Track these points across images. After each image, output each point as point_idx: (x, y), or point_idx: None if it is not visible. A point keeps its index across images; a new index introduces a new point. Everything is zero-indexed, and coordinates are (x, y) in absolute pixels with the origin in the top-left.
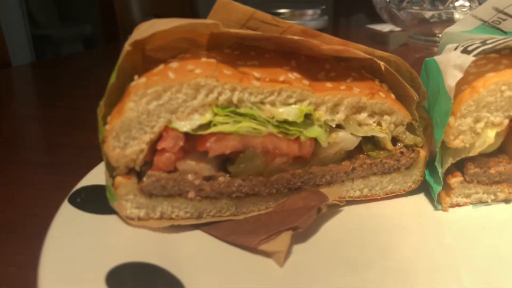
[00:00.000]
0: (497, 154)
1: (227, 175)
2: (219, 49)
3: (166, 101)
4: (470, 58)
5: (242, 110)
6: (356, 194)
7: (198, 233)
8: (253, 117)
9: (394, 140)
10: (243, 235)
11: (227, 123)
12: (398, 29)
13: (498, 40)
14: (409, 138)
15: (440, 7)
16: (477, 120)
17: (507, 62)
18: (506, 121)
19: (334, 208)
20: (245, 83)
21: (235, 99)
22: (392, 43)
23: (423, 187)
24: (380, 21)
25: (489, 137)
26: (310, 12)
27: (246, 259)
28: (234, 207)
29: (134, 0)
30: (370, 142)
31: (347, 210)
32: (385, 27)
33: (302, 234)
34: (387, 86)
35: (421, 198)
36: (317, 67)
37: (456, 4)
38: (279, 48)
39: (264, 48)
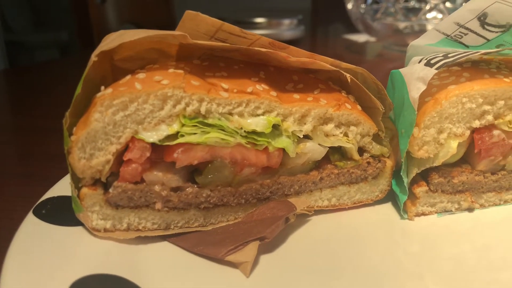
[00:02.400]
0: (460, 164)
1: (195, 185)
2: (188, 60)
3: (132, 112)
4: (432, 71)
5: (210, 121)
6: (325, 204)
7: (165, 245)
8: (221, 128)
9: (361, 151)
10: (210, 246)
11: (194, 133)
12: (373, 39)
13: (459, 54)
14: (375, 149)
15: (413, 19)
16: (440, 131)
17: (468, 75)
18: (468, 132)
19: (303, 218)
20: (213, 94)
21: (203, 109)
22: (367, 53)
23: (390, 197)
24: (357, 31)
25: (452, 147)
26: (287, 22)
27: (214, 270)
28: (203, 218)
29: (110, 8)
30: (337, 153)
31: (315, 220)
32: (361, 38)
33: (269, 244)
34: (353, 98)
35: (388, 207)
36: (286, 78)
37: (428, 16)
38: (249, 60)
39: (234, 59)
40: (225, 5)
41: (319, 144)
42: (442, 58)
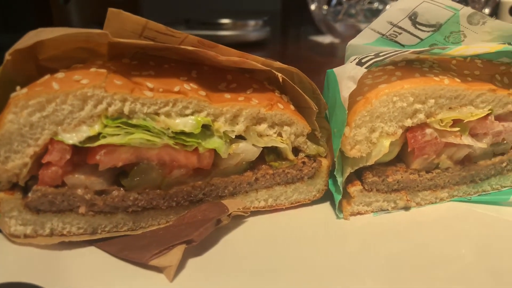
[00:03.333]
0: (395, 163)
1: (122, 188)
2: (118, 59)
3: (50, 113)
4: (362, 70)
5: (134, 121)
6: (261, 205)
7: (91, 250)
8: (146, 129)
9: (297, 151)
10: (136, 251)
11: (117, 134)
12: (337, 40)
13: (390, 53)
14: (311, 148)
15: (374, 20)
16: (372, 130)
17: (400, 74)
18: (400, 131)
19: (239, 219)
20: (136, 94)
21: (126, 110)
22: (331, 54)
23: (329, 196)
24: (323, 33)
25: (384, 146)
26: (252, 23)
27: (138, 275)
28: (132, 221)
29: (73, 8)
30: (272, 153)
31: (252, 221)
32: (326, 39)
33: (200, 247)
34: (287, 98)
35: (326, 207)
36: (219, 78)
37: None
38: (182, 59)
39: (166, 58)
40: (194, 6)
41: (252, 145)
42: (373, 57)
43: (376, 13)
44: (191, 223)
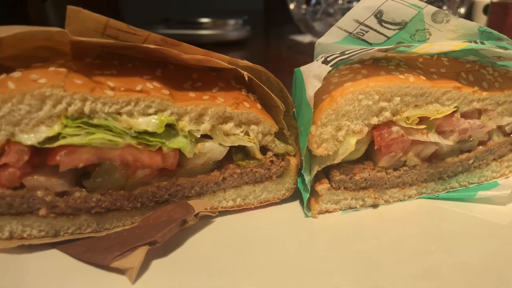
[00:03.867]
0: (362, 161)
1: (84, 190)
2: (81, 58)
3: (6, 113)
4: (327, 68)
5: (95, 121)
6: (229, 204)
7: (54, 253)
8: (108, 128)
9: (265, 150)
10: (98, 253)
11: (78, 135)
12: (316, 39)
13: (356, 51)
14: (279, 147)
15: None
16: (338, 129)
17: (366, 72)
18: (366, 129)
19: (207, 220)
20: (97, 93)
21: (86, 109)
22: (311, 53)
23: (299, 195)
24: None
25: (351, 144)
26: (232, 22)
27: (101, 277)
28: (95, 223)
29: (51, 7)
30: (240, 152)
31: (220, 221)
32: (306, 38)
33: (166, 248)
34: (254, 96)
35: (295, 206)
36: (185, 76)
37: None
38: (148, 57)
39: (132, 57)
40: (176, 5)
41: (219, 144)
42: (338, 55)
43: None
44: (156, 224)
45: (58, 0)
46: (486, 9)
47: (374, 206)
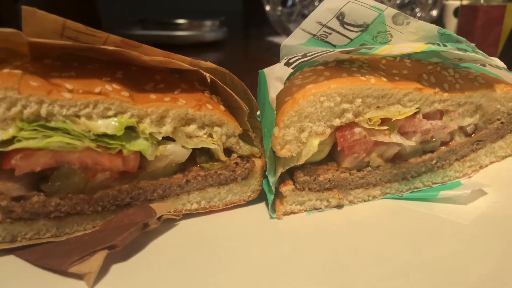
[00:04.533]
0: (326, 162)
1: (42, 194)
2: (40, 59)
3: None
4: (289, 70)
5: (53, 124)
6: (194, 207)
7: (10, 259)
8: (66, 131)
9: (230, 151)
10: (56, 258)
11: (34, 138)
12: None
13: (317, 53)
14: (244, 149)
15: None
16: (301, 130)
17: (328, 74)
18: (329, 130)
19: (171, 223)
20: (54, 95)
21: (43, 112)
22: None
23: (265, 197)
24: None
25: (314, 145)
26: (208, 23)
27: (59, 283)
28: (55, 227)
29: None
30: (204, 154)
31: (184, 224)
32: (282, 39)
33: (126, 252)
34: (218, 98)
35: (261, 207)
36: (147, 78)
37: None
38: (110, 59)
39: (93, 59)
40: (154, 6)
41: (182, 146)
42: (300, 57)
43: None
44: (116, 228)
45: (31, 1)
46: (457, 12)
47: (339, 206)
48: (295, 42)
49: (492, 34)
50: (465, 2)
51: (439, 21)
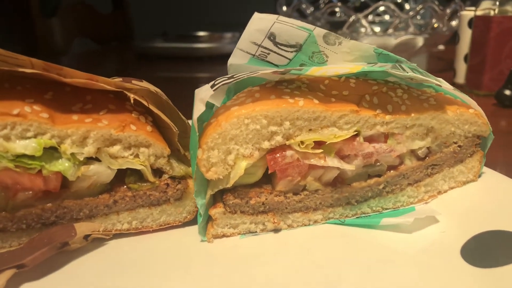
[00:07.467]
0: (261, 185)
1: None
2: None
3: None
4: (210, 92)
5: None
6: (125, 227)
7: None
8: None
9: (161, 172)
10: None
11: None
12: None
13: (242, 74)
14: (176, 170)
15: (339, 31)
16: (228, 152)
17: (258, 95)
18: (257, 153)
19: (99, 242)
20: None
21: None
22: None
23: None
24: None
25: (241, 168)
26: (228, 35)
27: None
28: None
29: (58, 22)
30: (134, 175)
31: (114, 244)
32: None
33: (41, 271)
34: (148, 119)
35: (197, 229)
36: (76, 98)
37: (361, 29)
38: (45, 79)
39: (28, 79)
40: (182, 19)
41: (107, 167)
42: (226, 79)
43: (339, 25)
44: (32, 246)
45: (65, 15)
46: (471, 23)
47: (276, 230)
48: (238, 61)
49: (508, 45)
50: (479, 13)
51: (456, 31)
